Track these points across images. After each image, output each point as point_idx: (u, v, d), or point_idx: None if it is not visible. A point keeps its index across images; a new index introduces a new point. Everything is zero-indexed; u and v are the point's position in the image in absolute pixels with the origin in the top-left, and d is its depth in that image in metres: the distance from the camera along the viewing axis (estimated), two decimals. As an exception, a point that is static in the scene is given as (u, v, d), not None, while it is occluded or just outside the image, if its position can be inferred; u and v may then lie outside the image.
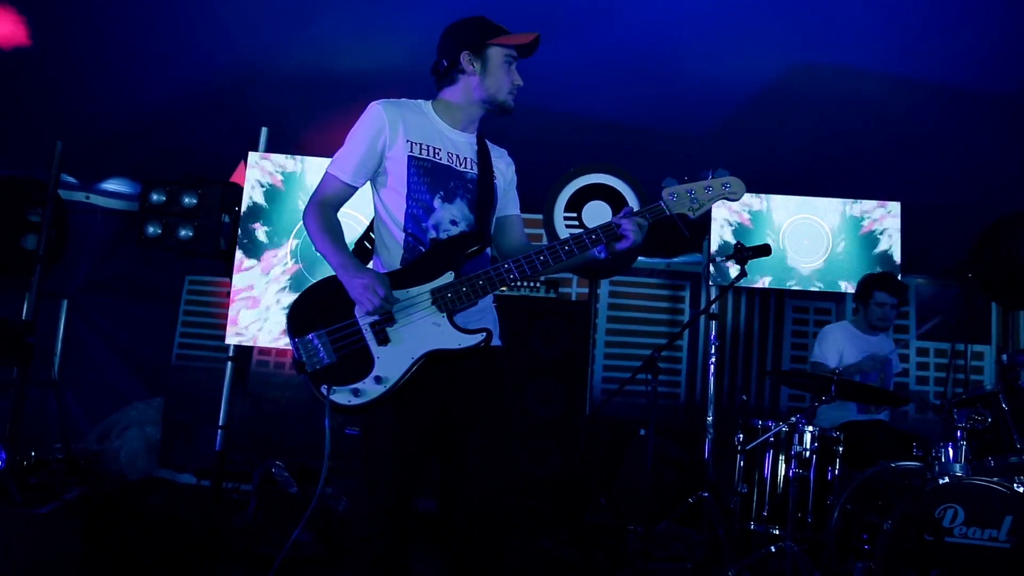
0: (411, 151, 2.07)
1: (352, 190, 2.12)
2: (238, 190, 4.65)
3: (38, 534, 3.72)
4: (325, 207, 2.09)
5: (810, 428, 3.41)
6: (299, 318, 1.98)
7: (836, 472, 3.45)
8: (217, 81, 4.56)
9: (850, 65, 4.27)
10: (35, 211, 4.76)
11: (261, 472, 3.82)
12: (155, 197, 4.57)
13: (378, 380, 1.92)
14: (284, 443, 5.14)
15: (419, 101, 2.17)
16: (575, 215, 4.44)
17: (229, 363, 4.60)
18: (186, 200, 4.58)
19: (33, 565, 3.29)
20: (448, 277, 2.01)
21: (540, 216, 4.53)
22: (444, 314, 1.99)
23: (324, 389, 1.90)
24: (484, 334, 2.00)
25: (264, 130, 4.69)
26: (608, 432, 4.66)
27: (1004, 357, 3.62)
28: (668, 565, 3.71)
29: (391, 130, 2.06)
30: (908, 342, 5.34)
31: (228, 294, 4.56)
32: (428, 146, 2.10)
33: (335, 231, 2.06)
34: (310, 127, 4.90)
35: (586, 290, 5.20)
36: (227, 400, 4.56)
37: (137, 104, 4.77)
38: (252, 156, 4.61)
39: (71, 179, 5.48)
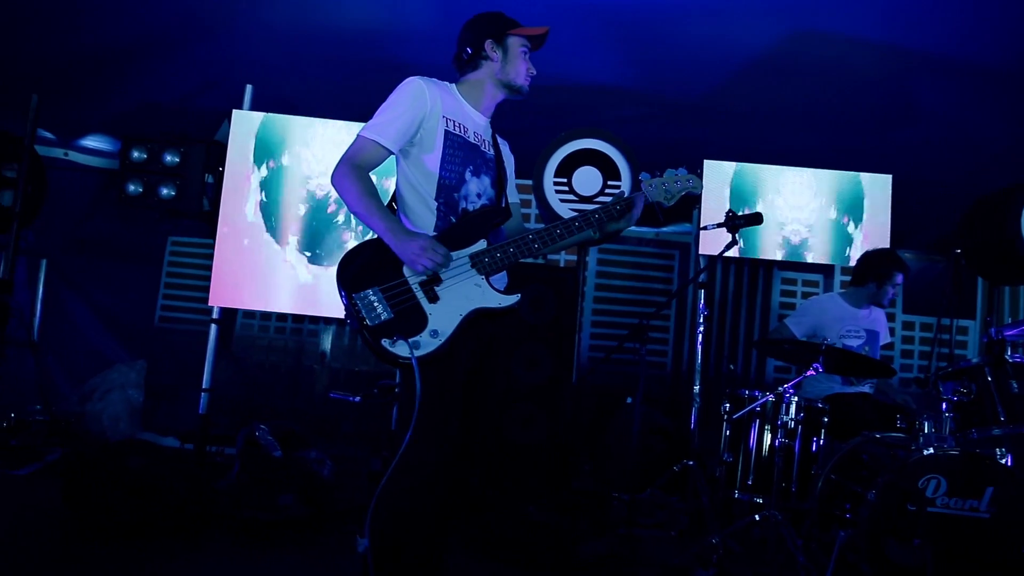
0: (447, 126, 2.23)
1: (387, 155, 2.21)
2: (222, 149, 4.54)
3: (18, 495, 3.69)
4: (361, 169, 2.17)
5: (796, 399, 3.41)
6: (351, 277, 2.12)
7: (821, 443, 3.47)
8: (198, 33, 4.41)
9: (848, 34, 4.20)
10: (11, 167, 4.64)
11: (245, 435, 3.78)
12: (136, 154, 4.46)
13: (434, 334, 2.09)
14: (268, 406, 5.12)
15: (446, 83, 2.34)
16: (565, 180, 4.38)
17: (213, 325, 4.53)
18: (168, 158, 4.47)
19: (13, 526, 3.26)
20: (482, 244, 2.20)
21: (530, 182, 4.47)
22: (483, 276, 2.18)
23: (387, 342, 2.05)
24: (519, 295, 2.21)
25: (248, 87, 4.57)
26: (594, 399, 4.66)
27: (992, 331, 3.64)
28: (652, 532, 3.73)
29: (431, 104, 2.21)
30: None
31: (212, 255, 4.47)
32: (459, 123, 2.28)
33: (375, 195, 2.15)
34: (297, 85, 4.78)
35: (575, 257, 5.17)
36: (211, 363, 4.50)
37: (114, 56, 4.61)
38: (236, 114, 4.49)
39: (49, 135, 5.34)
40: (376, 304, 2.09)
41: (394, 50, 4.12)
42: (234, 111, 4.49)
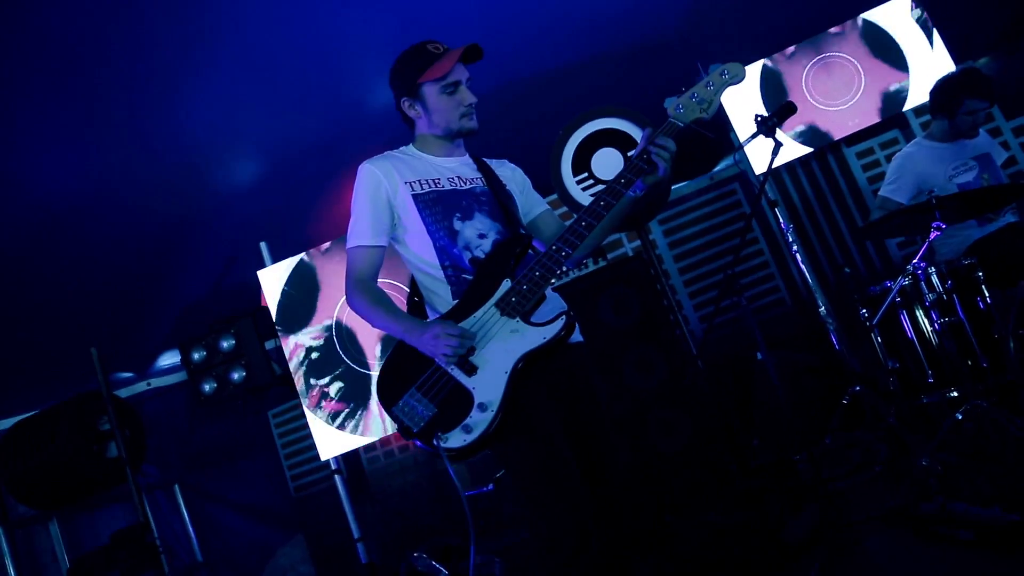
0: (413, 191, 2.06)
1: (380, 252, 2.08)
2: (267, 313, 4.55)
3: None
4: (362, 283, 2.05)
5: (933, 268, 2.92)
6: (387, 390, 1.95)
7: (988, 301, 2.94)
8: (197, 218, 4.46)
9: None
10: (104, 420, 4.79)
11: (405, 570, 3.61)
12: (196, 356, 4.53)
13: (482, 408, 1.85)
14: (425, 526, 4.97)
15: (401, 148, 2.17)
16: (585, 175, 4.08)
17: (337, 477, 4.46)
18: (224, 345, 4.51)
19: None
20: (506, 285, 1.96)
21: (555, 196, 4.20)
22: (518, 318, 1.92)
23: (436, 440, 1.84)
24: (564, 317, 1.92)
25: (263, 244, 4.57)
26: (728, 371, 4.24)
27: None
28: (854, 479, 3.26)
29: (388, 181, 2.05)
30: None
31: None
32: (426, 180, 2.08)
33: (383, 302, 2.02)
34: (303, 217, 4.76)
35: (638, 243, 4.82)
36: (351, 512, 4.41)
37: (140, 279, 4.74)
38: (261, 275, 4.49)
39: (128, 374, 5.53)
40: (416, 406, 1.89)
41: (364, 143, 4.01)
42: (258, 273, 4.49)
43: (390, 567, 4.53)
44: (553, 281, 2.00)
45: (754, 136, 2.99)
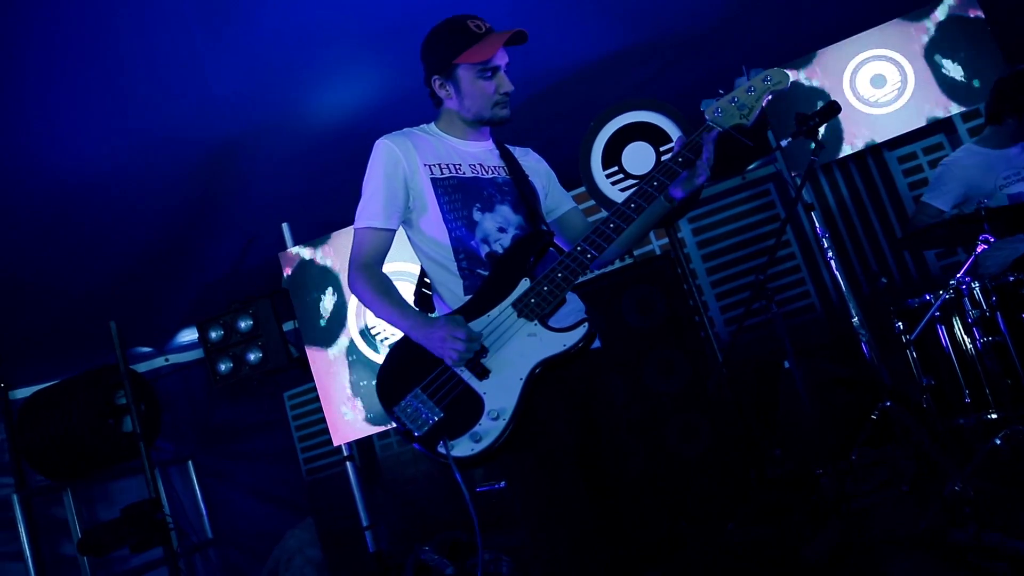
0: (432, 174, 1.93)
1: (389, 235, 1.95)
2: (286, 295, 4.51)
3: None
4: (368, 268, 1.91)
5: (977, 283, 2.78)
6: (389, 387, 1.81)
7: (1033, 319, 2.80)
8: (218, 197, 4.42)
9: None
10: (120, 394, 4.80)
11: (412, 564, 3.57)
12: (213, 335, 4.50)
13: (493, 416, 1.72)
14: (436, 517, 4.91)
15: (422, 126, 2.04)
16: (616, 169, 3.96)
17: (348, 464, 4.42)
18: (242, 325, 4.48)
19: None
20: (524, 284, 1.84)
21: (583, 189, 4.09)
22: (536, 321, 1.80)
23: (442, 447, 1.70)
24: (585, 324, 1.80)
25: (285, 225, 4.53)
26: (752, 378, 4.12)
27: None
28: (878, 496, 3.14)
29: (407, 161, 1.93)
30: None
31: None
32: (447, 164, 1.96)
33: (389, 291, 1.89)
34: (326, 198, 4.69)
35: (666, 240, 4.70)
36: (361, 499, 4.38)
37: (161, 254, 4.72)
38: (282, 256, 4.45)
39: (147, 349, 5.54)
40: (420, 408, 1.75)
41: (392, 124, 3.93)
42: (279, 254, 4.45)
43: (398, 556, 4.49)
44: (574, 282, 1.89)
45: (795, 136, 2.87)
